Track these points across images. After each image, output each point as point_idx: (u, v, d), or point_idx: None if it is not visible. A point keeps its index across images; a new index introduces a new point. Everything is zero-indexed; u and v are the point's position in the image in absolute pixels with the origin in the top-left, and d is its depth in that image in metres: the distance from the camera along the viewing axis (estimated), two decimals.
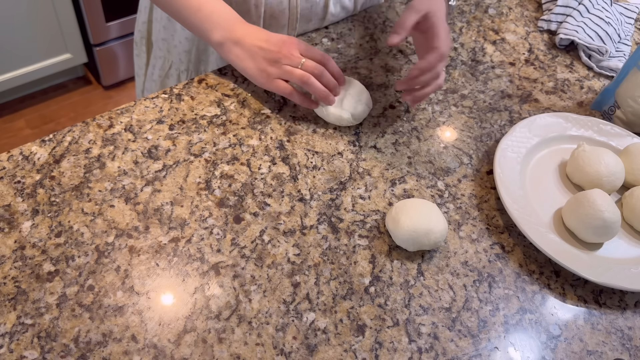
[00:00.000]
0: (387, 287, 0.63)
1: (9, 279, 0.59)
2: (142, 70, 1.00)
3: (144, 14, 0.93)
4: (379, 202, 0.71)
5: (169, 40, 0.91)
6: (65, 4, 1.79)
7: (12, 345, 0.55)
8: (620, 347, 0.62)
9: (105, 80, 2.09)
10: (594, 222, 0.67)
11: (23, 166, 0.68)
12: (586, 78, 0.93)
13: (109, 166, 0.70)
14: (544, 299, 0.65)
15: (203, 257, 0.63)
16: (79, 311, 0.58)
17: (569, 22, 0.98)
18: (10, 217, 0.64)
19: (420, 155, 0.77)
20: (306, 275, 0.63)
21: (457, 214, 0.71)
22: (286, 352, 0.57)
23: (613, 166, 0.73)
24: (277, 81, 0.73)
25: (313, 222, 0.68)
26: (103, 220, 0.65)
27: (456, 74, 0.89)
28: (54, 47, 1.89)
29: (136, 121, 0.75)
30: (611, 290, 0.67)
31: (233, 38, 0.74)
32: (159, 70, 0.96)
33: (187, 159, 0.72)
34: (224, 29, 0.74)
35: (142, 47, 0.97)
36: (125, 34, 1.96)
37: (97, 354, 0.55)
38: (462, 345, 0.60)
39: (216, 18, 0.74)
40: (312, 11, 0.89)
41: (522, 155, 0.76)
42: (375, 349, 0.59)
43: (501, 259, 0.68)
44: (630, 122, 0.84)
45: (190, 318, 0.58)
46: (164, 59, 0.94)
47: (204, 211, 0.67)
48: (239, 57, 0.74)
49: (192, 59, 0.92)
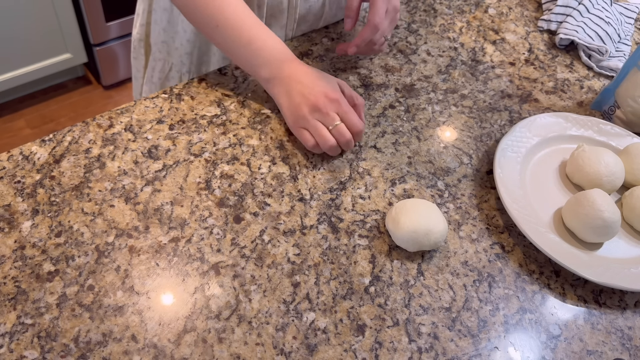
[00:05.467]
0: (387, 287, 0.63)
1: (9, 279, 0.59)
2: (140, 73, 1.00)
3: (142, 17, 0.93)
4: (379, 202, 0.71)
5: (170, 43, 0.91)
6: (65, 3, 1.79)
7: (12, 345, 0.55)
8: (620, 347, 0.62)
9: (105, 80, 2.09)
10: (594, 222, 0.67)
11: (23, 166, 0.68)
12: (586, 78, 0.93)
13: (109, 166, 0.70)
14: (544, 298, 0.65)
15: (203, 257, 0.63)
16: (79, 311, 0.58)
17: (569, 22, 0.98)
18: (10, 217, 0.64)
19: (420, 155, 0.77)
20: (306, 275, 0.63)
21: (457, 214, 0.71)
22: (286, 352, 0.57)
23: (613, 166, 0.73)
24: (303, 131, 0.72)
25: (313, 222, 0.68)
26: (103, 220, 0.65)
27: (456, 74, 0.89)
28: (54, 47, 1.89)
29: (136, 121, 0.75)
30: (611, 290, 0.67)
31: (279, 76, 0.73)
32: (159, 73, 0.96)
33: (187, 158, 0.72)
34: (272, 66, 0.73)
35: (140, 50, 0.97)
36: (125, 33, 1.97)
37: (97, 354, 0.55)
38: (462, 345, 0.60)
39: (266, 54, 0.73)
40: (310, 11, 0.89)
41: (522, 155, 0.76)
42: (375, 349, 0.59)
43: (501, 258, 0.68)
44: (630, 122, 0.84)
45: (190, 318, 0.59)
46: (164, 61, 0.94)
47: (204, 211, 0.67)
48: (279, 94, 0.73)
49: (193, 61, 0.92)
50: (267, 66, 0.73)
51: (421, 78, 0.88)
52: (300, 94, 0.71)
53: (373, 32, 0.76)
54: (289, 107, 0.73)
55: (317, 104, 0.70)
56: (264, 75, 0.74)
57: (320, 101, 0.70)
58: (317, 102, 0.70)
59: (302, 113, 0.71)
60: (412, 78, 0.87)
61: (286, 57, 0.74)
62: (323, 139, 0.71)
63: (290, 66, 0.73)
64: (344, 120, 0.72)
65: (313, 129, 0.71)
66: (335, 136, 0.71)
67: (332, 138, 0.71)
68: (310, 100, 0.71)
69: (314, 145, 0.72)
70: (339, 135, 0.71)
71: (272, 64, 0.73)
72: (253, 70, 0.75)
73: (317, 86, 0.71)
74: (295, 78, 0.72)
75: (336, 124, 0.71)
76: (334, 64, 0.87)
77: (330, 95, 0.71)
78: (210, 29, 0.74)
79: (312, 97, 0.71)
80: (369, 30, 0.76)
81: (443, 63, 0.91)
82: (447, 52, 0.93)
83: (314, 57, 0.87)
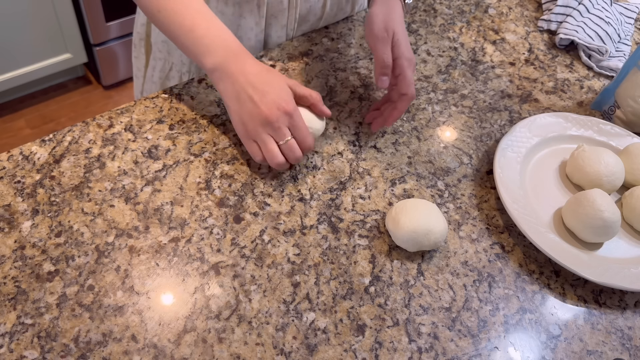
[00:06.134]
0: (387, 287, 0.63)
1: (9, 279, 0.59)
2: (140, 72, 1.00)
3: (142, 16, 0.93)
4: (379, 202, 0.71)
5: (170, 42, 0.91)
6: (65, 4, 1.79)
7: (12, 345, 0.55)
8: (620, 347, 0.62)
9: (105, 80, 2.09)
10: (594, 222, 0.67)
11: (23, 166, 0.68)
12: (586, 78, 0.93)
13: (109, 166, 0.70)
14: (544, 298, 0.65)
15: (203, 257, 0.63)
16: (79, 311, 0.58)
17: (569, 22, 0.98)
18: (10, 217, 0.64)
19: (420, 155, 0.77)
20: (306, 275, 0.63)
21: (457, 214, 0.71)
22: (286, 352, 0.57)
23: (613, 166, 0.73)
24: (252, 143, 0.68)
25: (313, 222, 0.68)
26: (103, 220, 0.65)
27: (456, 74, 0.89)
28: (54, 47, 1.89)
29: (136, 121, 0.75)
30: (611, 290, 0.67)
31: (226, 70, 0.68)
32: (159, 72, 0.96)
33: (187, 158, 0.72)
34: (216, 55, 0.68)
35: (140, 49, 0.97)
36: (125, 33, 1.96)
37: (97, 354, 0.55)
38: (462, 345, 0.60)
39: (209, 42, 0.68)
40: (310, 11, 0.89)
41: (522, 155, 0.76)
42: (375, 349, 0.59)
43: (501, 258, 0.68)
44: (630, 122, 0.84)
45: (190, 318, 0.59)
46: (164, 60, 0.94)
47: (204, 211, 0.67)
48: (226, 92, 0.69)
49: (193, 61, 0.92)
50: (211, 55, 0.68)
51: (421, 78, 0.88)
52: (250, 100, 0.66)
53: (409, 102, 0.74)
54: (238, 114, 0.68)
55: (269, 118, 0.66)
56: (208, 65, 0.69)
57: (273, 115, 0.66)
58: (270, 115, 0.66)
59: (253, 125, 0.67)
60: None
61: (231, 48, 0.69)
62: (271, 155, 0.67)
63: (237, 61, 0.68)
64: (295, 136, 0.67)
65: (262, 143, 0.67)
66: (284, 152, 0.67)
67: (280, 155, 0.67)
68: (262, 111, 0.66)
69: (261, 159, 0.68)
70: (289, 152, 0.67)
71: (216, 52, 0.68)
72: (197, 60, 0.70)
73: (269, 94, 0.66)
74: (244, 78, 0.67)
75: (287, 140, 0.67)
76: (334, 64, 0.87)
77: (283, 107, 0.66)
78: (153, 14, 0.71)
79: (263, 107, 0.66)
80: (406, 102, 0.74)
81: (443, 63, 0.91)
82: (447, 52, 0.93)
83: (314, 57, 0.87)
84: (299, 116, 0.68)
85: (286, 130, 0.67)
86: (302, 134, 0.68)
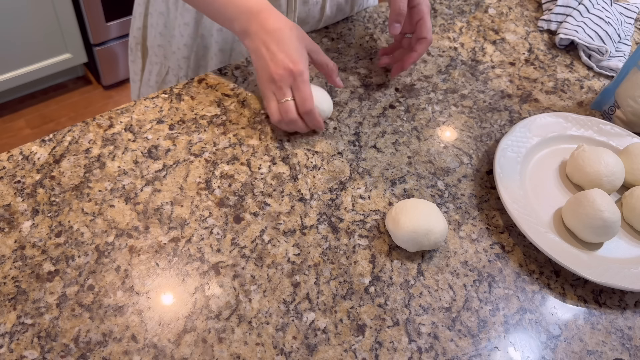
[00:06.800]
0: (387, 287, 0.63)
1: (9, 279, 0.59)
2: (137, 76, 1.00)
3: (138, 20, 0.93)
4: (379, 202, 0.71)
5: (166, 47, 0.91)
6: (65, 3, 1.79)
7: (12, 345, 0.55)
8: (620, 347, 0.62)
9: (105, 80, 2.09)
10: (594, 222, 0.67)
11: (23, 166, 0.68)
12: (586, 78, 0.93)
13: (109, 166, 0.70)
14: (544, 298, 0.65)
15: (203, 257, 0.63)
16: (79, 311, 0.58)
17: (569, 22, 0.98)
18: (10, 217, 0.64)
19: (420, 155, 0.77)
20: (306, 275, 0.63)
21: (457, 214, 0.71)
22: (286, 352, 0.57)
23: (613, 166, 0.73)
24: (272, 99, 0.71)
25: (313, 222, 0.68)
26: (103, 220, 0.65)
27: (456, 74, 0.89)
28: (54, 47, 1.89)
29: (136, 121, 0.75)
30: (611, 290, 0.67)
31: (248, 31, 0.70)
32: (156, 76, 0.95)
33: (187, 158, 0.72)
34: (242, 18, 0.70)
35: (137, 53, 0.97)
36: (125, 34, 1.97)
37: (97, 354, 0.55)
38: (462, 345, 0.60)
39: (234, 7, 0.70)
40: (309, 14, 0.89)
41: (522, 155, 0.76)
42: (375, 349, 0.59)
43: (501, 258, 0.68)
44: (630, 122, 0.84)
45: (190, 318, 0.59)
46: (161, 64, 0.93)
47: (204, 211, 0.67)
48: (250, 49, 0.71)
49: (190, 65, 0.92)
50: (238, 19, 0.70)
51: (421, 78, 0.88)
52: (263, 58, 0.69)
53: (428, 46, 0.78)
54: (257, 69, 0.71)
55: (273, 75, 0.68)
56: (237, 29, 0.71)
57: (278, 73, 0.68)
58: (274, 73, 0.68)
59: (262, 81, 0.70)
60: (412, 78, 0.87)
61: (251, 8, 0.70)
62: (269, 112, 0.70)
63: (257, 20, 0.69)
64: (295, 97, 0.69)
65: (265, 100, 0.71)
66: (280, 112, 0.69)
67: (277, 113, 0.69)
68: (270, 69, 0.68)
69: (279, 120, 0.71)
70: (284, 112, 0.69)
71: (241, 15, 0.70)
72: (228, 26, 0.73)
73: (279, 52, 0.68)
74: (262, 37, 0.69)
75: (285, 100, 0.69)
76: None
77: (290, 67, 0.68)
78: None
79: (272, 65, 0.68)
80: (425, 46, 0.78)
81: (443, 63, 0.91)
82: (447, 52, 0.93)
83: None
84: (304, 80, 0.69)
85: (287, 90, 0.69)
86: (302, 96, 0.69)
